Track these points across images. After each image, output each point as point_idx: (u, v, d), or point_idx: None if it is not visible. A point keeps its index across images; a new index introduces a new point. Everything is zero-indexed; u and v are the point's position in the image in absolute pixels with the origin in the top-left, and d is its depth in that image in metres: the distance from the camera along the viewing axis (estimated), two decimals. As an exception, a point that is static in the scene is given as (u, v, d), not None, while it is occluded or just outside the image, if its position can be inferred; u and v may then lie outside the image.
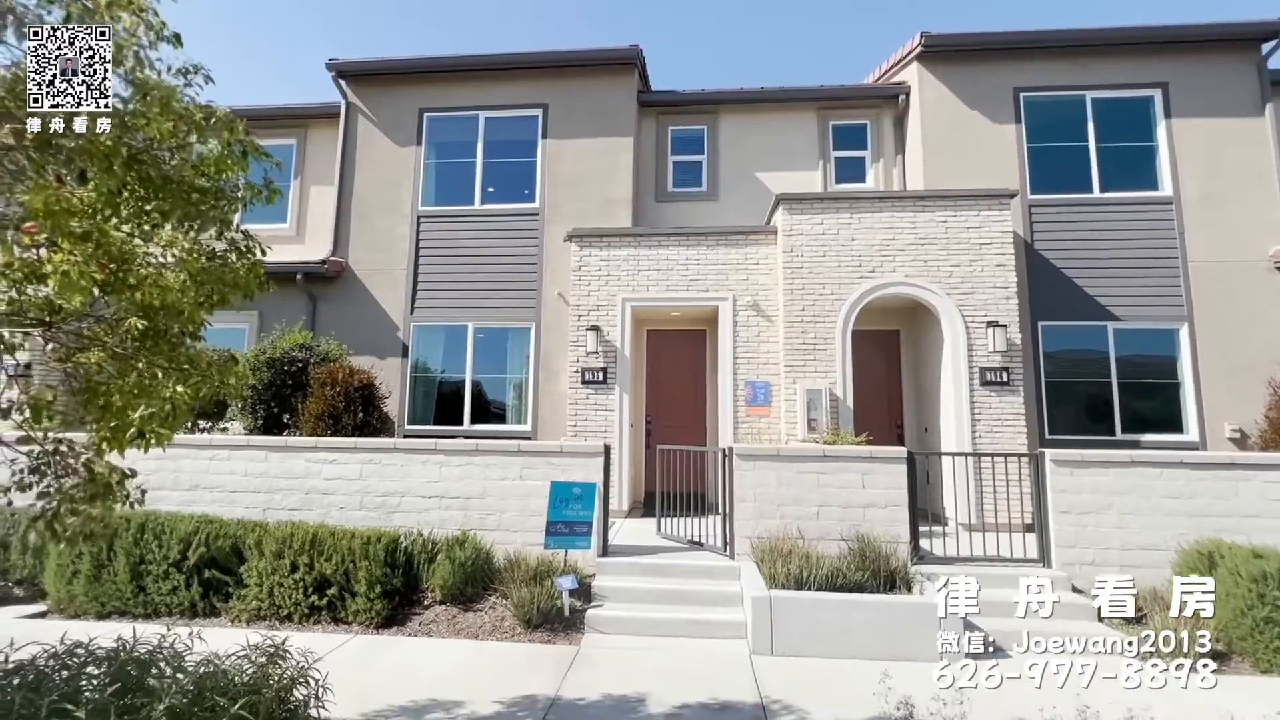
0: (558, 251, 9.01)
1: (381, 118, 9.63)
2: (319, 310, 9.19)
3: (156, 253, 2.67)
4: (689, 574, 5.57)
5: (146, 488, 6.32)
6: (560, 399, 8.64)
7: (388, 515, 6.11)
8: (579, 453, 6.05)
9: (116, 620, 5.24)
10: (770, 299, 8.11)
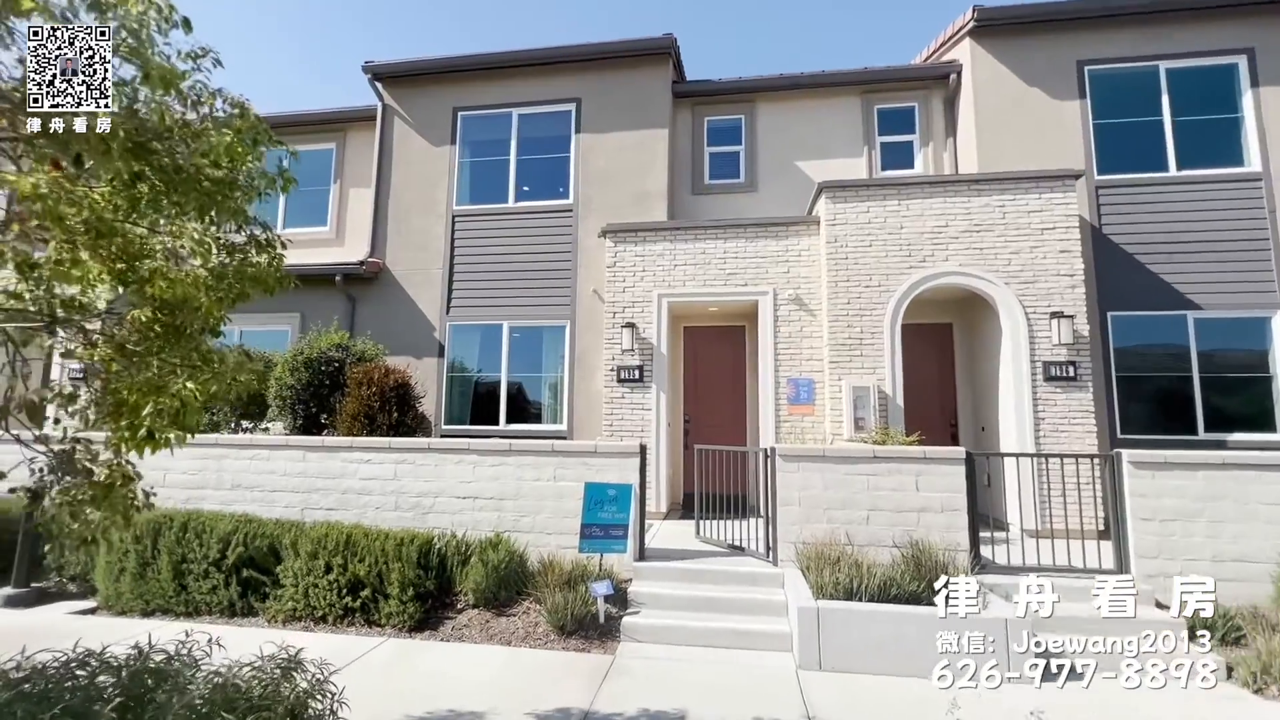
0: (592, 248, 8.85)
1: (416, 118, 9.66)
2: (358, 311, 9.27)
3: (173, 245, 2.56)
4: (729, 580, 5.30)
5: (191, 486, 6.45)
6: (596, 398, 8.47)
7: (422, 516, 6.04)
8: (614, 453, 5.84)
9: (159, 618, 5.31)
10: (813, 292, 7.75)
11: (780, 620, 4.81)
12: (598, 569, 5.38)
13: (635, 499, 5.64)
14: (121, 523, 2.44)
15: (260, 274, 3.16)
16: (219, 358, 2.88)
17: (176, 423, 2.45)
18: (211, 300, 2.72)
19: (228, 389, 2.61)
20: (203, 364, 2.61)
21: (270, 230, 3.13)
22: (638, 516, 5.65)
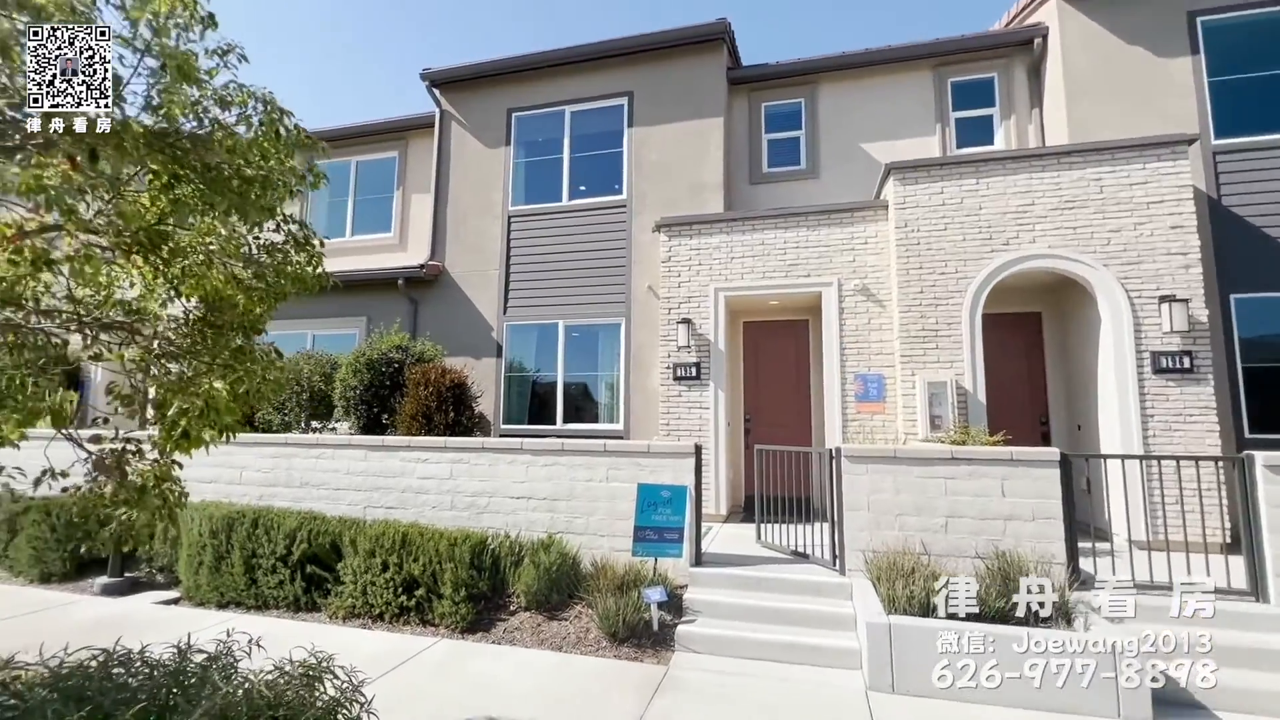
0: (647, 243, 8.65)
1: (472, 121, 9.78)
2: (419, 313, 9.48)
3: (201, 243, 2.54)
4: (792, 590, 4.96)
5: (265, 483, 6.71)
6: (652, 396, 8.27)
7: (477, 515, 6.02)
8: (668, 453, 5.62)
9: (233, 610, 5.53)
10: (882, 281, 7.23)
11: (848, 635, 4.44)
12: (652, 574, 5.17)
13: (690, 501, 5.39)
14: (166, 519, 2.43)
15: (299, 273, 3.15)
16: (252, 357, 2.87)
17: (206, 421, 2.42)
18: (249, 299, 2.70)
19: (258, 388, 2.57)
20: (234, 363, 2.58)
21: (308, 229, 3.10)
22: (693, 520, 5.40)
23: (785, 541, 5.73)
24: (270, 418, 7.65)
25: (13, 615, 5.31)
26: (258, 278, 2.96)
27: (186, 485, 7.02)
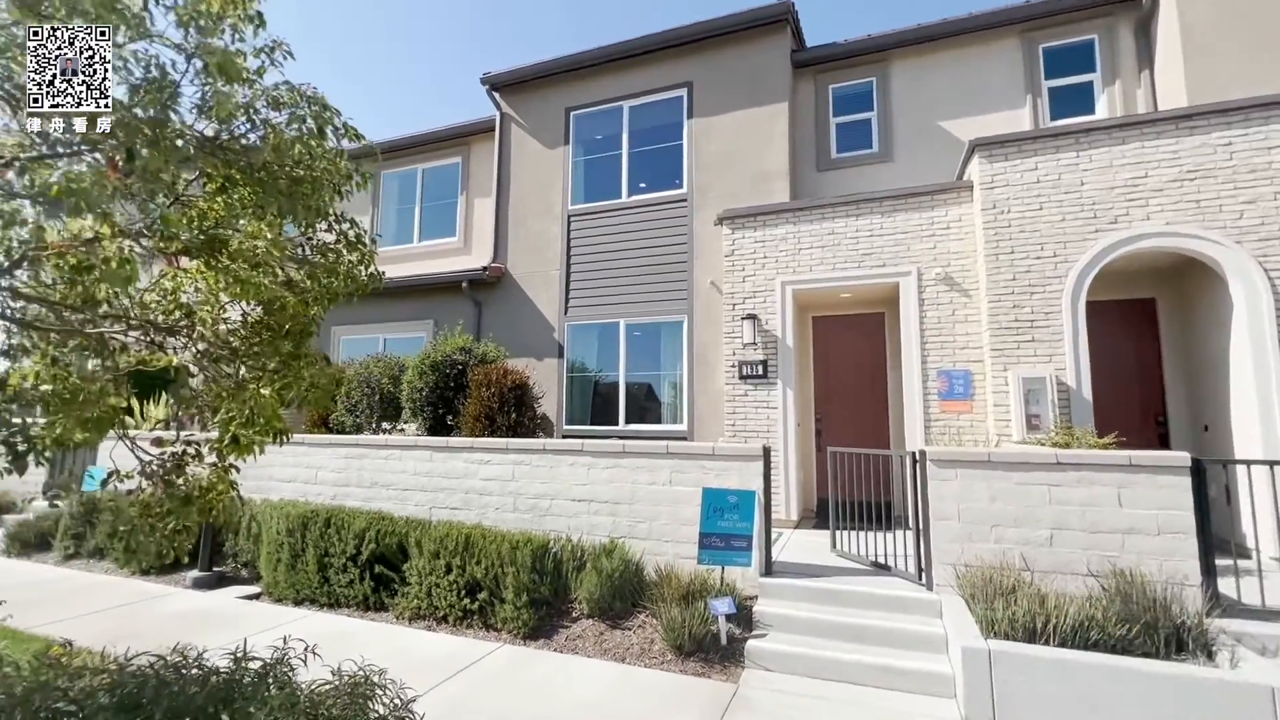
0: (708, 237, 8.37)
1: (531, 122, 9.79)
2: (483, 315, 9.58)
3: (249, 246, 2.49)
4: (873, 605, 4.56)
5: (339, 483, 6.88)
6: (717, 396, 7.97)
7: (539, 518, 5.94)
8: (734, 455, 5.33)
9: (307, 607, 5.67)
10: (967, 269, 6.64)
11: (937, 659, 4.01)
12: (719, 583, 4.90)
13: (759, 506, 5.08)
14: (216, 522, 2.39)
15: (350, 272, 3.09)
16: (307, 361, 2.82)
17: (254, 426, 2.37)
18: (299, 301, 2.65)
19: (305, 394, 2.50)
20: (282, 369, 2.52)
21: (359, 228, 3.03)
22: (762, 526, 5.09)
23: (863, 551, 5.31)
24: (343, 419, 7.90)
25: (114, 606, 5.65)
26: (311, 279, 2.92)
27: (270, 483, 7.29)
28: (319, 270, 2.94)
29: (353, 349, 10.31)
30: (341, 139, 2.63)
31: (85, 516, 7.36)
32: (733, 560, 4.96)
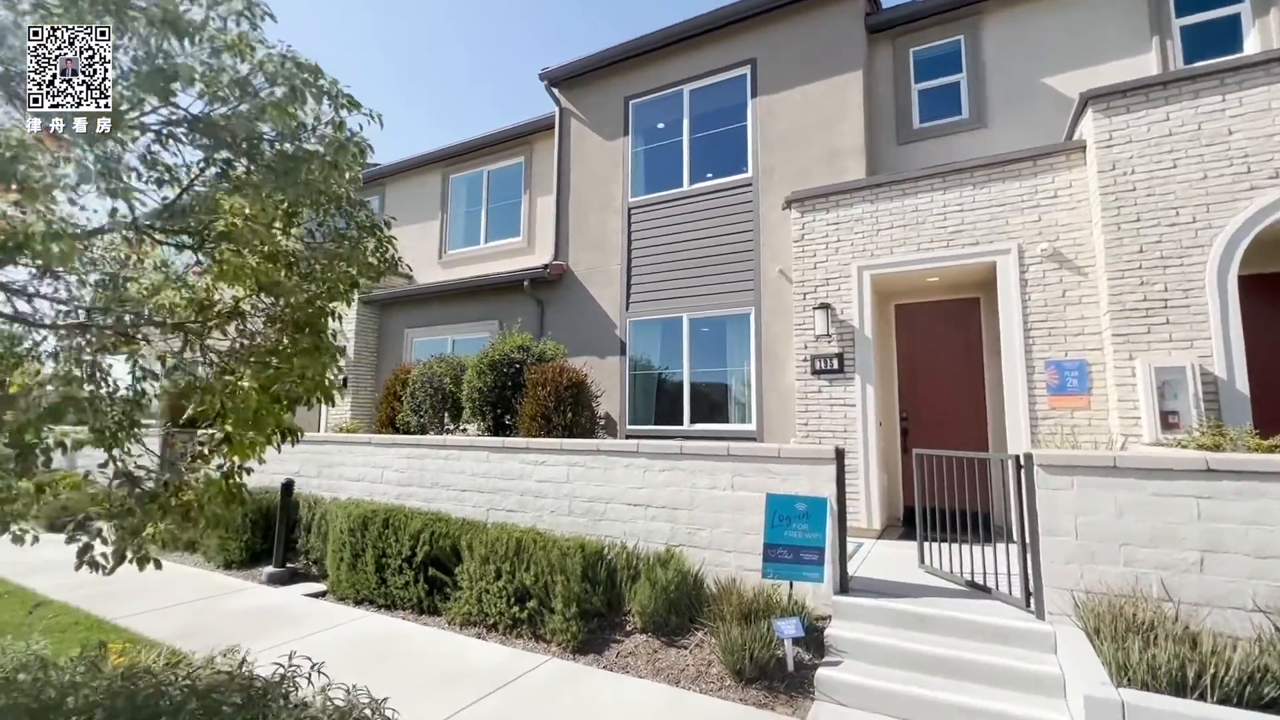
0: (776, 223, 7.79)
1: (591, 116, 9.57)
2: (546, 314, 9.45)
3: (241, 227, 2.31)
4: (969, 633, 3.91)
5: (402, 483, 6.89)
6: (788, 393, 7.39)
7: (594, 522, 5.64)
8: (802, 458, 4.79)
9: (366, 607, 5.66)
10: (1080, 243, 5.73)
11: (1051, 705, 3.33)
12: (786, 600, 4.40)
13: (831, 515, 4.53)
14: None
15: (367, 260, 2.89)
16: (328, 353, 2.62)
17: (245, 423, 2.17)
18: (302, 283, 2.45)
19: (296, 389, 2.28)
20: (283, 361, 2.32)
21: (369, 210, 2.83)
22: (836, 537, 4.53)
23: (957, 567, 4.63)
24: (408, 419, 7.98)
25: (194, 599, 5.89)
26: (326, 267, 2.74)
27: (340, 482, 7.39)
28: (337, 258, 2.76)
29: (424, 350, 10.50)
30: (331, 106, 2.40)
31: (181, 511, 7.83)
32: (802, 575, 4.44)
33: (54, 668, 2.82)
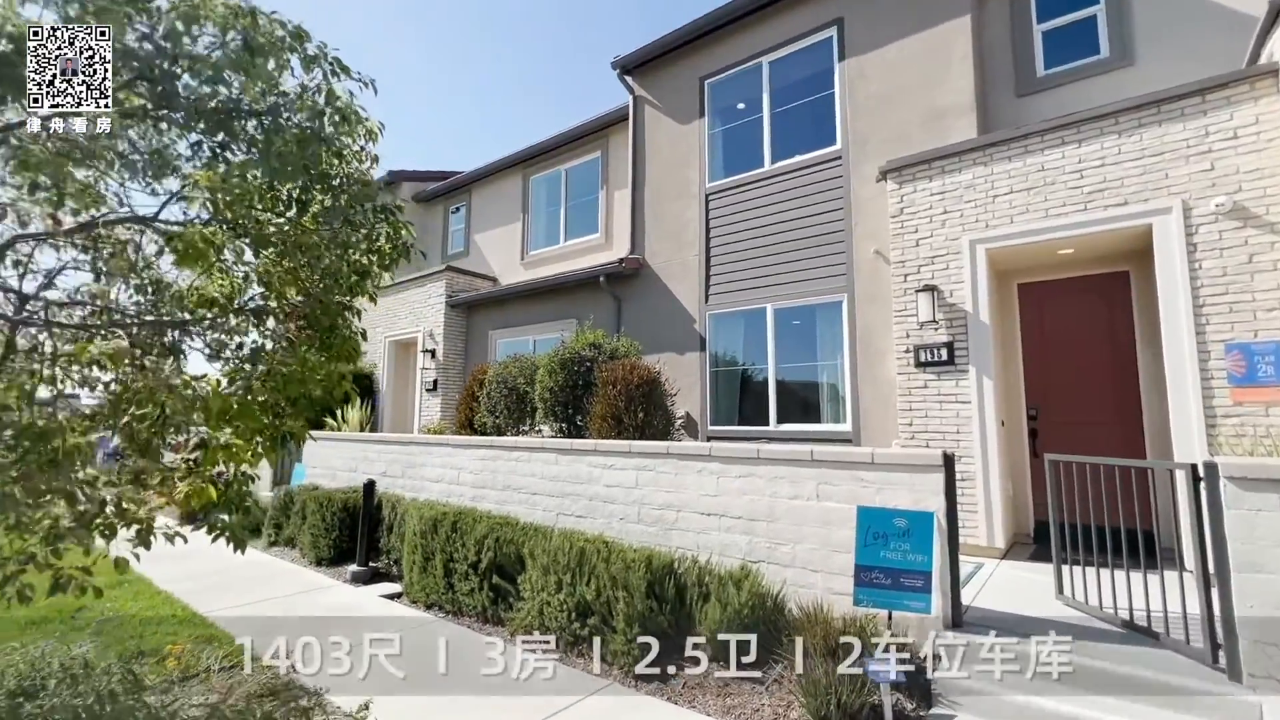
0: (869, 199, 6.95)
1: (665, 101, 9.13)
2: (623, 310, 9.13)
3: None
4: (1131, 690, 3.04)
5: (476, 485, 6.78)
6: (888, 388, 6.54)
7: (665, 532, 5.18)
8: (901, 464, 4.05)
9: (434, 613, 5.55)
10: (1271, 192, 4.50)
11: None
12: (885, 633, 3.70)
13: (939, 533, 3.77)
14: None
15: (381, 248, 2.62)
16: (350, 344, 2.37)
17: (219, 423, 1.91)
18: (282, 270, 2.19)
19: (298, 386, 2.00)
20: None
21: (372, 188, 2.54)
22: (947, 559, 3.77)
23: (1108, 601, 3.70)
24: (485, 420, 7.93)
25: (283, 595, 6.08)
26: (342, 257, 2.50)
27: (422, 483, 7.41)
28: (348, 246, 2.51)
29: (507, 351, 10.53)
30: (316, 70, 2.11)
31: (284, 508, 8.26)
32: (902, 604, 3.72)
33: (89, 677, 2.78)
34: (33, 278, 2.09)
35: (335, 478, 8.87)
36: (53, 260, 2.26)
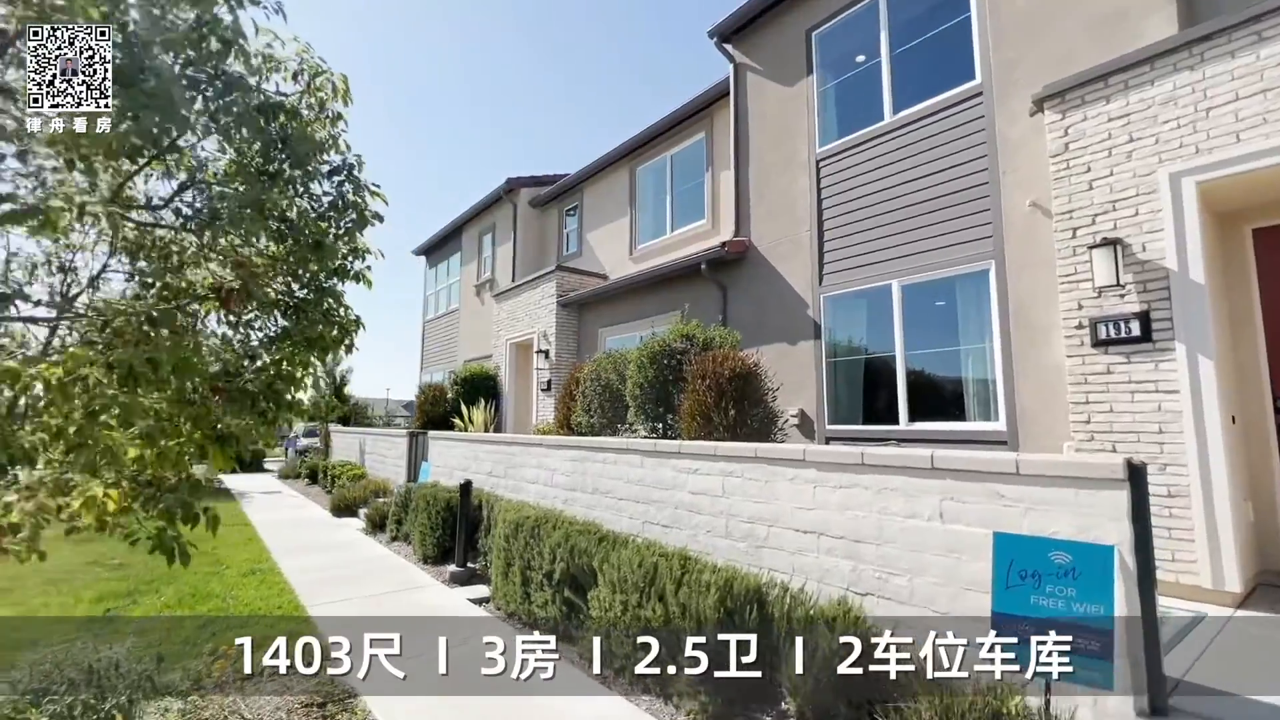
0: (1020, 139, 5.56)
1: (768, 64, 8.22)
2: (729, 300, 8.36)
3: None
4: None
5: (568, 487, 6.47)
6: (1054, 377, 5.15)
7: (754, 550, 4.41)
8: (1059, 476, 2.93)
9: (512, 623, 5.27)
10: None
11: None
12: (1040, 714, 2.66)
13: (1124, 574, 2.64)
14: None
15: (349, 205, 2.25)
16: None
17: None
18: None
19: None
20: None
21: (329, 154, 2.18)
22: (1140, 609, 2.63)
23: None
24: (580, 419, 7.62)
25: (383, 592, 6.20)
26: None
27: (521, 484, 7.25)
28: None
29: (618, 346, 10.24)
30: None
31: (404, 504, 8.62)
32: (1065, 675, 2.64)
33: (115, 677, 2.73)
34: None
35: (452, 476, 9.13)
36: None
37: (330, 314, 2.44)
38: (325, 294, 2.32)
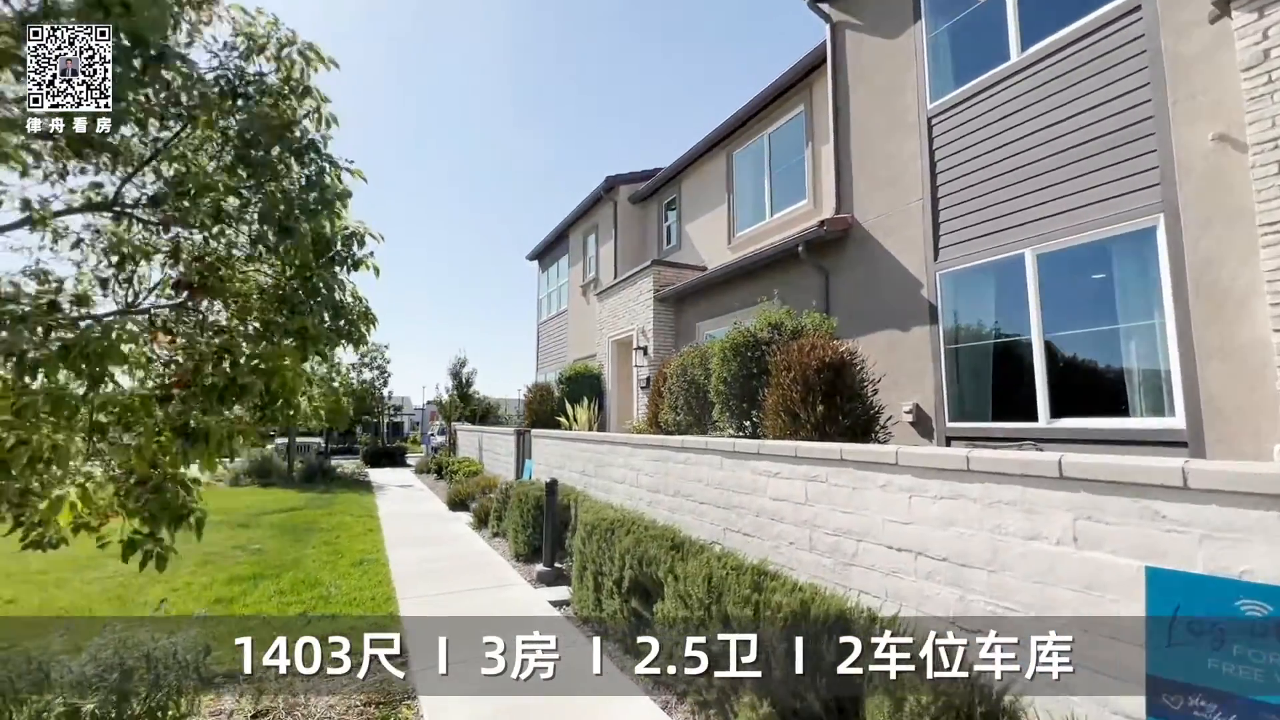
0: (1196, 57, 4.36)
1: (867, 17, 7.32)
2: (830, 283, 7.58)
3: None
4: None
5: (651, 488, 6.17)
6: (1256, 359, 3.96)
7: (842, 567, 3.80)
8: (1256, 494, 2.09)
9: (583, 629, 5.04)
10: None
11: None
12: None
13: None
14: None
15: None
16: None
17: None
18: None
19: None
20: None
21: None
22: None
23: None
24: (667, 417, 7.26)
25: (468, 589, 6.28)
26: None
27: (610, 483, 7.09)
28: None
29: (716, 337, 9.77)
30: None
31: (504, 501, 8.81)
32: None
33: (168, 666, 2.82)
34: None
35: (551, 474, 9.19)
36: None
37: (329, 306, 2.30)
38: (312, 282, 2.18)
